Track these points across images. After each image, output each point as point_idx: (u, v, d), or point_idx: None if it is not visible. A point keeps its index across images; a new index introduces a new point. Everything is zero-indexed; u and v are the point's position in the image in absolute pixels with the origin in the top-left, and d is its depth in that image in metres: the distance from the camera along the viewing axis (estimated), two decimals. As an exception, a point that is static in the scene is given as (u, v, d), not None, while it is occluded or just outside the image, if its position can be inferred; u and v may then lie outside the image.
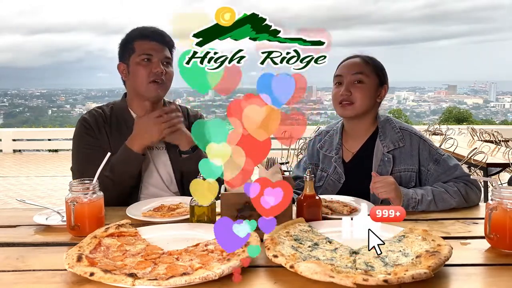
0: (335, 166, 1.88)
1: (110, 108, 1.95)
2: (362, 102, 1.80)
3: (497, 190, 1.25)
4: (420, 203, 1.61)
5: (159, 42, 1.85)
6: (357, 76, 1.80)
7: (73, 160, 1.87)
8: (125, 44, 1.89)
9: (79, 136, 1.87)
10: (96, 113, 1.92)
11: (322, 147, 1.96)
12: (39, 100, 74.36)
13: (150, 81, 1.83)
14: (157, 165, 1.90)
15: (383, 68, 1.89)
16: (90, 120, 1.88)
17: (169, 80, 1.88)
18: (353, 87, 1.80)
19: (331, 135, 1.96)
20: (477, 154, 4.73)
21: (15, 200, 5.46)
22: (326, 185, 1.89)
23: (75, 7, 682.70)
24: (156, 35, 1.86)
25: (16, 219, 1.54)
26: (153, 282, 0.98)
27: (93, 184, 1.40)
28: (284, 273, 1.07)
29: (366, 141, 1.87)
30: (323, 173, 1.93)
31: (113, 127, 1.89)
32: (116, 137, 1.85)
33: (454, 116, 18.96)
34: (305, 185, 1.44)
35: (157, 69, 1.82)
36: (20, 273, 1.11)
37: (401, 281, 0.98)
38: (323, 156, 1.95)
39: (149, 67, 1.82)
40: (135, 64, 1.84)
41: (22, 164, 9.75)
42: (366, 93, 1.80)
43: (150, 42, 1.84)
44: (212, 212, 1.42)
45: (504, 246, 1.23)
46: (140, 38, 1.86)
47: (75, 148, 1.87)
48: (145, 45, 1.84)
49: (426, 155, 1.79)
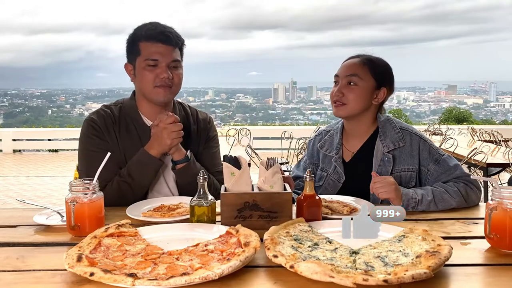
0: (335, 166, 1.88)
1: (118, 108, 1.87)
2: (354, 103, 1.80)
3: (497, 190, 1.25)
4: (420, 203, 1.61)
5: (166, 44, 1.75)
6: (350, 78, 1.81)
7: (79, 161, 1.83)
8: (131, 44, 1.80)
9: (86, 137, 1.80)
10: (104, 113, 1.84)
11: (322, 146, 1.96)
12: (39, 100, 74.37)
13: (156, 86, 1.76)
14: (164, 171, 1.86)
15: (386, 71, 1.87)
16: (98, 121, 1.81)
17: (177, 83, 1.80)
18: (346, 88, 1.81)
19: (331, 135, 1.96)
20: (477, 154, 4.73)
21: (15, 200, 5.46)
22: (326, 185, 1.90)
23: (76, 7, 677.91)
24: (162, 36, 1.74)
25: (16, 219, 1.54)
26: (153, 282, 0.98)
27: (93, 184, 1.40)
28: (284, 273, 1.07)
29: (366, 141, 1.87)
30: (323, 172, 1.93)
31: (122, 128, 1.83)
32: (125, 138, 1.81)
33: (454, 116, 18.95)
34: (305, 185, 1.44)
35: (163, 75, 1.74)
36: (20, 273, 1.11)
37: (401, 281, 0.98)
38: (323, 156, 1.95)
39: (155, 72, 1.74)
40: (141, 68, 1.76)
41: (22, 164, 9.75)
42: (359, 95, 1.80)
43: (156, 45, 1.74)
44: (212, 212, 1.42)
45: (504, 246, 1.23)
46: (146, 39, 1.75)
47: (81, 149, 1.81)
48: (151, 48, 1.74)
49: (426, 155, 1.79)
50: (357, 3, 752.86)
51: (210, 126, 2.01)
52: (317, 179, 1.95)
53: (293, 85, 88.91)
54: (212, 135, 2.01)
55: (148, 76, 1.75)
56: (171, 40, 1.76)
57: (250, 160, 5.36)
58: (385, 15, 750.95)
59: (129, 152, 1.79)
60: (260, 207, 1.42)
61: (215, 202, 1.43)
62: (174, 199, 1.74)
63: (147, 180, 1.76)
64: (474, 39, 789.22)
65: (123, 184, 1.72)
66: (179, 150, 1.77)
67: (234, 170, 1.48)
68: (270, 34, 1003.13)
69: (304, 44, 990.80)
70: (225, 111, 70.75)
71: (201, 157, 1.92)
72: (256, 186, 1.52)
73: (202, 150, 1.95)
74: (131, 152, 1.78)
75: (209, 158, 1.94)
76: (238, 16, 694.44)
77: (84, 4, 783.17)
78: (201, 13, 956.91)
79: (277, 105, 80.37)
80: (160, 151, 1.73)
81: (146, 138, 1.80)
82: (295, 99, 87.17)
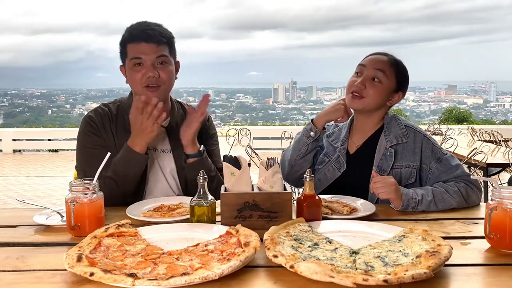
0: (338, 155, 1.89)
1: (116, 106, 1.88)
2: (372, 99, 1.80)
3: (497, 190, 1.25)
4: (420, 203, 1.61)
5: (148, 42, 1.73)
6: (377, 72, 1.80)
7: (77, 158, 1.83)
8: (121, 46, 1.82)
9: (83, 135, 1.82)
10: (102, 111, 1.85)
11: (330, 136, 1.97)
12: (39, 100, 74.34)
13: (144, 86, 1.74)
14: (163, 167, 1.86)
15: (406, 76, 1.87)
16: (95, 119, 1.82)
17: (166, 81, 1.77)
18: (369, 82, 1.80)
19: (340, 128, 1.99)
20: (477, 154, 4.73)
21: (15, 200, 5.46)
22: (326, 170, 1.90)
23: (76, 8, 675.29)
24: (144, 34, 1.73)
25: (16, 219, 1.54)
26: (153, 282, 0.98)
27: (93, 184, 1.40)
28: (284, 273, 1.07)
29: (371, 136, 1.89)
30: (325, 157, 1.94)
31: (119, 126, 1.84)
32: (122, 137, 1.80)
33: (454, 116, 18.94)
34: (305, 185, 1.44)
35: (148, 74, 1.72)
36: (20, 273, 1.11)
37: (401, 281, 0.98)
38: (328, 144, 1.97)
39: (141, 72, 1.73)
40: (129, 69, 1.77)
41: (22, 164, 9.74)
42: (379, 93, 1.80)
43: (139, 44, 1.73)
44: (212, 212, 1.42)
45: (504, 246, 1.23)
46: (130, 40, 1.76)
47: (79, 146, 1.82)
48: (135, 48, 1.74)
49: (428, 153, 1.79)
50: (357, 3, 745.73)
51: (209, 124, 2.02)
52: (318, 162, 1.96)
53: (293, 85, 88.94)
54: (211, 133, 2.02)
55: (135, 76, 1.75)
56: (152, 38, 1.74)
57: (250, 160, 5.36)
58: (385, 15, 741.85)
59: None
60: (260, 207, 1.42)
61: (215, 202, 1.43)
62: (174, 199, 1.74)
63: (132, 176, 1.73)
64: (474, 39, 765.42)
65: (108, 180, 1.68)
66: (193, 144, 1.77)
67: (234, 170, 1.48)
68: (270, 34, 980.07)
69: (304, 44, 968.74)
70: (225, 111, 70.72)
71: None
72: (256, 186, 1.52)
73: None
74: None
75: (209, 156, 1.94)
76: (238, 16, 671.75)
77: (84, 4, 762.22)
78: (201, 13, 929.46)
79: (277, 105, 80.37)
80: (144, 143, 1.68)
81: None
82: (295, 99, 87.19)
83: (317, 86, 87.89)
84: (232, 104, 78.23)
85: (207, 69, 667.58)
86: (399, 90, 1.85)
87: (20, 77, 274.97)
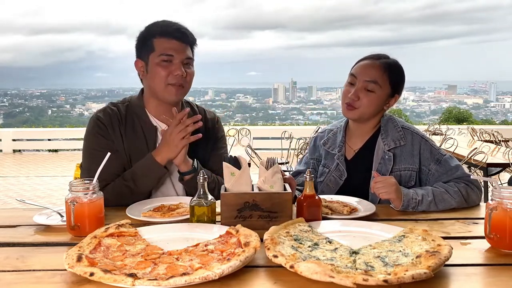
0: (337, 163, 1.88)
1: (125, 106, 1.84)
2: (367, 109, 1.79)
3: (497, 190, 1.25)
4: (420, 204, 1.61)
5: (181, 41, 1.73)
6: (369, 84, 1.77)
7: (83, 158, 1.81)
8: (143, 41, 1.76)
9: (91, 135, 1.78)
10: (111, 111, 1.81)
11: (326, 143, 1.96)
12: (39, 100, 74.33)
13: (169, 84, 1.73)
14: (172, 176, 1.83)
15: (402, 79, 1.85)
16: (104, 119, 1.78)
17: (189, 82, 1.78)
18: (362, 93, 1.78)
19: (335, 133, 1.97)
20: (477, 154, 4.73)
21: (15, 200, 5.46)
22: (328, 181, 1.90)
23: (77, 8, 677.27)
24: (178, 33, 1.73)
25: (16, 219, 1.54)
26: (153, 282, 0.98)
27: (93, 184, 1.40)
28: (284, 273, 1.07)
29: (368, 139, 1.87)
30: (325, 168, 1.93)
31: (128, 127, 1.80)
32: (131, 138, 1.78)
33: (454, 116, 18.94)
34: (305, 185, 1.44)
35: (177, 72, 1.71)
36: (20, 273, 1.11)
37: (401, 281, 0.98)
38: (325, 153, 1.95)
39: (169, 69, 1.71)
40: (154, 64, 1.72)
41: (22, 164, 9.74)
42: (374, 102, 1.79)
43: (171, 41, 1.71)
44: (212, 212, 1.42)
45: (504, 246, 1.23)
46: (161, 36, 1.72)
47: (86, 147, 1.79)
48: (166, 44, 1.71)
49: (427, 155, 1.79)
50: (357, 3, 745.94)
51: (218, 127, 1.99)
52: (318, 174, 1.95)
53: (293, 85, 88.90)
54: (220, 136, 1.99)
55: (161, 72, 1.72)
56: (186, 37, 1.75)
57: (250, 160, 5.36)
58: (385, 15, 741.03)
59: (134, 152, 1.77)
60: (260, 207, 1.42)
61: (215, 202, 1.43)
62: (174, 199, 1.74)
63: (149, 187, 1.74)
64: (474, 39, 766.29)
65: (125, 188, 1.70)
66: (186, 161, 1.73)
67: (234, 170, 1.48)
68: (270, 34, 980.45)
69: (304, 44, 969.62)
70: (225, 111, 70.71)
71: (209, 158, 1.91)
72: (256, 186, 1.52)
73: (210, 151, 1.93)
74: (136, 152, 1.76)
75: (218, 159, 1.87)
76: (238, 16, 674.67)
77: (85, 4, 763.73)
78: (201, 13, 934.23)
79: (277, 105, 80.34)
80: (166, 157, 1.68)
81: (152, 138, 1.80)
82: (295, 99, 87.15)
83: (317, 86, 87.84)
84: (232, 104, 78.22)
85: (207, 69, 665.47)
86: (395, 93, 1.84)
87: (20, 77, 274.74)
